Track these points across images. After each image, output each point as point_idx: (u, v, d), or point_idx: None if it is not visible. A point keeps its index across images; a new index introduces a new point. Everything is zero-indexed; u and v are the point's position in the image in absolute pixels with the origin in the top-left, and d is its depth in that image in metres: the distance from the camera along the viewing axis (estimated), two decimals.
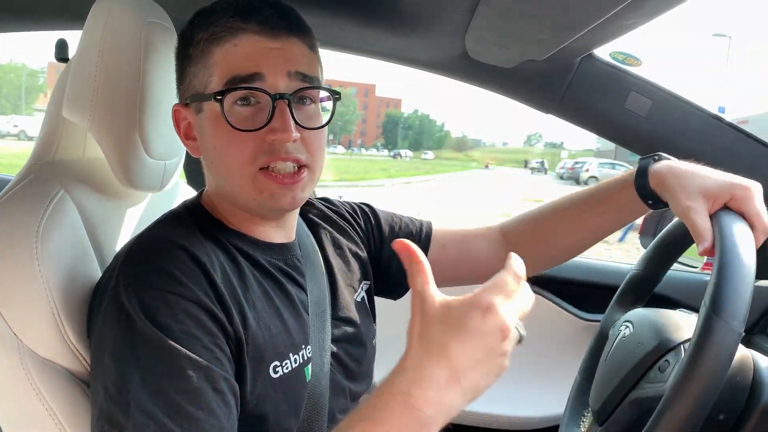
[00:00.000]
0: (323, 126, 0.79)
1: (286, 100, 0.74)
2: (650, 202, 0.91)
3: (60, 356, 0.76)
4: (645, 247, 1.25)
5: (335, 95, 0.81)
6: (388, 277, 1.04)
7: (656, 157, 0.91)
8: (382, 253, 1.04)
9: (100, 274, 0.82)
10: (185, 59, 0.79)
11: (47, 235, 0.76)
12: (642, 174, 0.90)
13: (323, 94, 0.80)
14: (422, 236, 1.06)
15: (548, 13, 0.85)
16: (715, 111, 1.10)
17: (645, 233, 1.58)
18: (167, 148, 0.92)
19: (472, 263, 1.06)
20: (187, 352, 0.66)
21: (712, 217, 0.80)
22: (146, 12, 0.86)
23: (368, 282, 0.99)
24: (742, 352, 0.78)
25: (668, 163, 0.89)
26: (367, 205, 1.07)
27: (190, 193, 1.12)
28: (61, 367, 0.76)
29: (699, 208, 0.80)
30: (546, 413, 1.48)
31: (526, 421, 1.49)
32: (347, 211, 1.04)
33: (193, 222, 0.79)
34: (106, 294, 0.71)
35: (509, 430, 1.51)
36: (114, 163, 0.87)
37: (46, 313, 0.74)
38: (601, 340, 1.02)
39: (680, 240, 0.91)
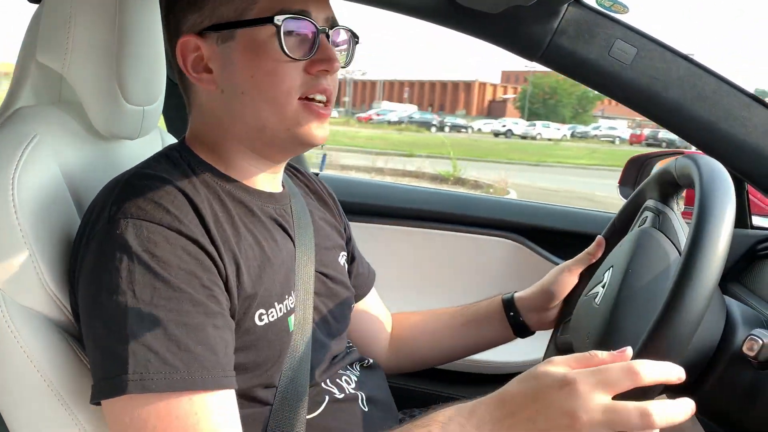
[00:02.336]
0: (347, 65, 0.84)
1: (326, 35, 0.78)
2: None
3: (40, 304, 0.76)
4: (625, 198, 1.26)
5: (356, 38, 0.84)
6: None
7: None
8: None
9: (78, 221, 0.81)
10: None
11: (23, 182, 0.75)
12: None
13: (342, 37, 0.83)
14: (368, 283, 1.11)
15: None
16: None
17: (625, 183, 1.59)
18: (146, 93, 0.90)
19: (370, 332, 1.11)
20: (186, 287, 0.66)
21: (689, 159, 0.80)
22: None
23: (345, 254, 1.01)
24: (717, 297, 0.80)
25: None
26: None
27: (172, 140, 1.10)
28: (42, 315, 0.76)
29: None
30: (525, 358, 1.51)
31: (504, 366, 1.53)
32: (329, 193, 1.06)
33: (185, 164, 0.78)
34: (95, 231, 0.70)
35: (488, 374, 1.55)
36: (91, 108, 0.85)
37: (24, 260, 0.73)
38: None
39: (672, 182, 0.91)
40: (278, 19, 0.74)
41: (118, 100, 0.85)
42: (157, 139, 1.07)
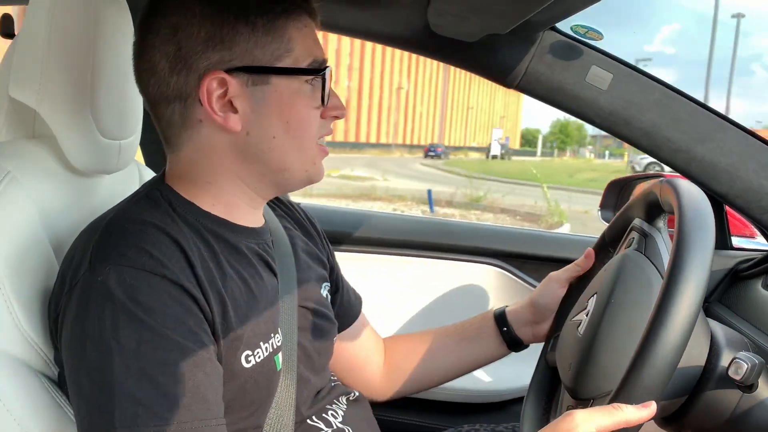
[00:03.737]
0: None
1: None
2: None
3: (14, 346, 0.73)
4: (607, 221, 1.26)
5: None
6: None
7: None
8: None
9: (54, 260, 0.79)
10: (239, 24, 0.73)
11: None
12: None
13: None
14: (354, 310, 1.09)
15: None
16: None
17: (606, 206, 1.60)
18: (122, 128, 0.89)
19: (360, 359, 1.10)
20: (172, 334, 0.64)
21: (668, 184, 0.81)
22: None
23: (328, 284, 0.99)
24: (701, 320, 0.80)
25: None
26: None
27: (150, 174, 1.09)
28: (17, 358, 0.74)
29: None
30: (513, 386, 1.50)
31: (491, 395, 1.52)
32: (311, 222, 1.04)
33: (166, 203, 0.76)
34: (77, 279, 0.67)
35: (476, 403, 1.53)
36: (65, 143, 0.84)
37: None
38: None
39: (657, 204, 0.92)
40: (325, 72, 0.77)
41: (93, 135, 0.84)
42: (135, 173, 1.06)
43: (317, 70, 0.77)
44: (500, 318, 1.07)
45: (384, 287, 1.69)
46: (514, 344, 1.06)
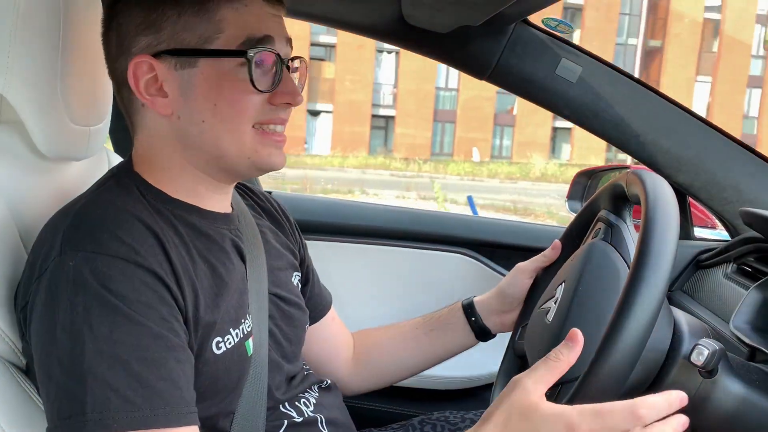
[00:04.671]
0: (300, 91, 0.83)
1: (286, 66, 0.77)
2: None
3: None
4: (574, 212, 1.29)
5: (305, 66, 0.85)
6: None
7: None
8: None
9: (21, 248, 0.78)
10: (167, 7, 0.72)
11: None
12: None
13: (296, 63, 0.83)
14: (325, 304, 1.09)
15: None
16: None
17: (573, 197, 1.63)
18: (92, 113, 0.88)
19: (330, 354, 1.10)
20: (146, 321, 0.64)
21: (634, 175, 0.82)
22: None
23: (299, 274, 0.99)
24: (664, 308, 0.82)
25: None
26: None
27: (119, 160, 1.07)
28: None
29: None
30: (483, 372, 1.52)
31: (462, 381, 1.54)
32: (283, 213, 1.03)
33: (136, 190, 0.76)
34: (47, 265, 0.67)
35: (446, 389, 1.55)
36: (33, 129, 0.82)
37: None
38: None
39: (623, 196, 0.93)
40: (251, 52, 0.73)
41: (62, 121, 0.82)
42: (104, 159, 1.04)
43: (244, 51, 0.73)
44: (469, 308, 1.09)
45: (354, 275, 1.69)
46: (483, 334, 1.08)
